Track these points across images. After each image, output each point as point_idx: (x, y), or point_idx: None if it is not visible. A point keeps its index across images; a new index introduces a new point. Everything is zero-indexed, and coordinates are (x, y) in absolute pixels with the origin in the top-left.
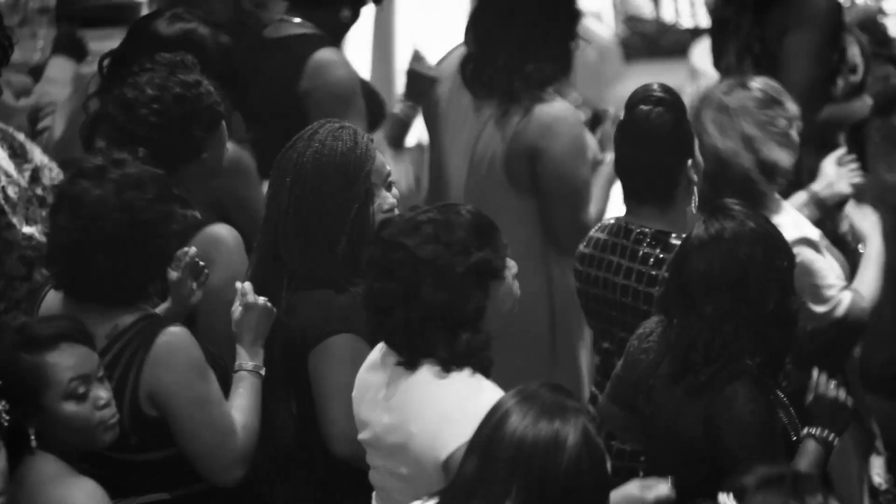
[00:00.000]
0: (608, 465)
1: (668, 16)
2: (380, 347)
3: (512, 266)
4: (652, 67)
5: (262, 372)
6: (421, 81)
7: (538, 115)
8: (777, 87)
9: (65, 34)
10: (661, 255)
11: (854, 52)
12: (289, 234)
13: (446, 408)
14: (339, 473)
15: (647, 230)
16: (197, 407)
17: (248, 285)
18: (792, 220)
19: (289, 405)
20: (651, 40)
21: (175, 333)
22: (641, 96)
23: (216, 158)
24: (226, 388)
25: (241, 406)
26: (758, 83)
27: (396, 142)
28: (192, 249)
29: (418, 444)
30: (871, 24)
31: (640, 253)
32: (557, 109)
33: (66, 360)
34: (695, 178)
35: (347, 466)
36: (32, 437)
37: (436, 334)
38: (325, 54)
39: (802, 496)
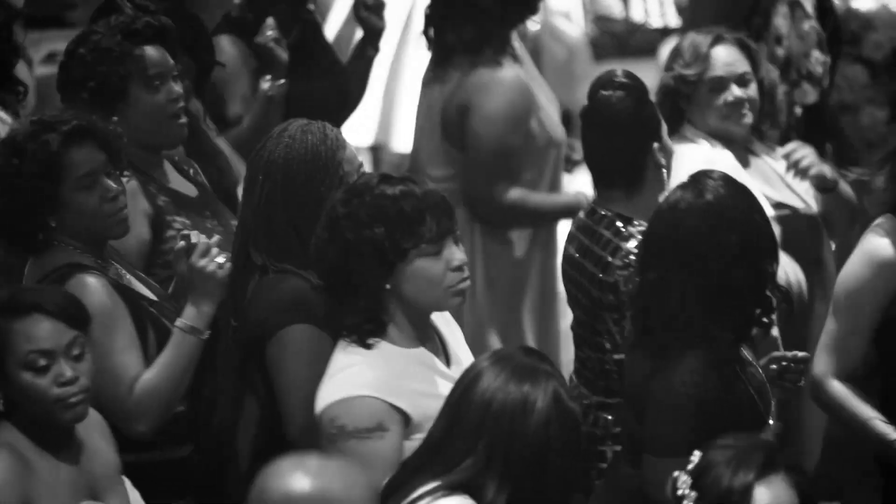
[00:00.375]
0: (580, 431)
1: (637, 15)
2: None
3: (452, 258)
4: (621, 67)
5: (202, 335)
6: (270, 54)
7: (480, 73)
8: None
9: None
10: (618, 243)
11: (780, 24)
12: (259, 232)
13: (328, 371)
14: None
15: (609, 214)
16: (96, 355)
17: (214, 240)
18: None
19: (255, 394)
20: (620, 40)
21: (83, 280)
22: (604, 82)
23: (131, 125)
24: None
25: (158, 362)
26: None
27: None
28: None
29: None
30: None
31: (603, 238)
32: (501, 72)
33: (29, 331)
34: (662, 161)
35: None
36: (1, 402)
37: (334, 291)
38: None
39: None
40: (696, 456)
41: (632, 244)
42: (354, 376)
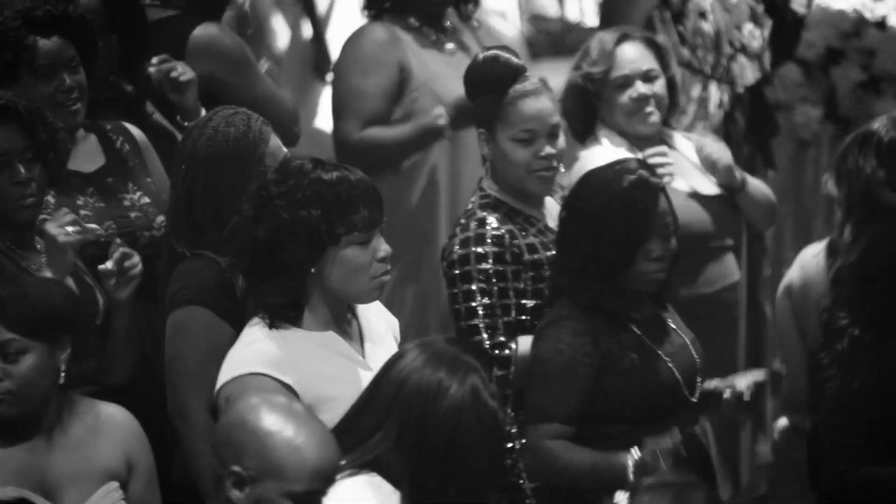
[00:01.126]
0: (499, 430)
1: (572, 15)
2: None
3: (378, 248)
4: (557, 66)
5: None
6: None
7: (357, 29)
8: None
9: None
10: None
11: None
12: (180, 220)
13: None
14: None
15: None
16: None
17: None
18: None
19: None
20: (556, 39)
21: None
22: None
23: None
24: None
25: None
26: None
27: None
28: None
29: None
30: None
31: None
32: (370, 26)
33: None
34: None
35: None
36: None
37: (256, 269)
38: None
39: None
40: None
41: (465, 216)
42: (252, 353)
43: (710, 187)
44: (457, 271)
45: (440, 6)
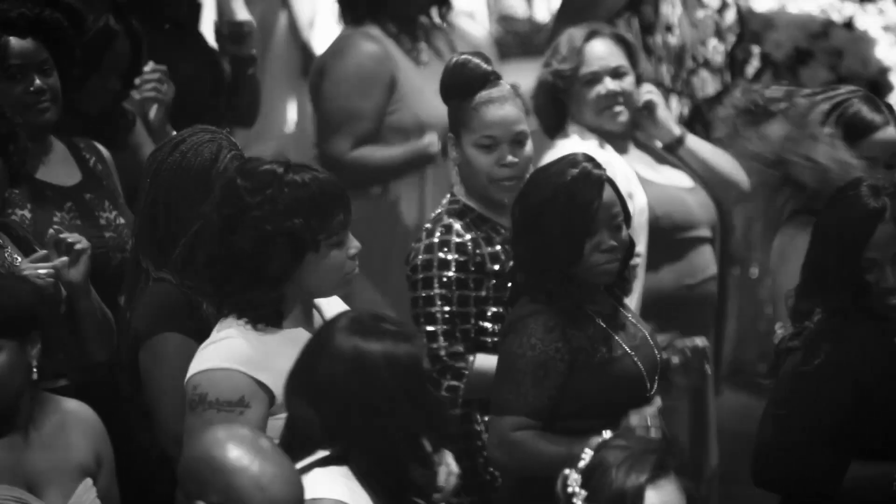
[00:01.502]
0: (421, 382)
1: (540, 15)
2: None
3: (350, 246)
4: (525, 66)
5: None
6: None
7: (341, 36)
8: None
9: None
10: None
11: (669, 12)
12: (145, 237)
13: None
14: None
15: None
16: None
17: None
18: None
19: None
20: (524, 39)
21: None
22: None
23: None
24: None
25: None
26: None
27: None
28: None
29: None
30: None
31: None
32: (358, 39)
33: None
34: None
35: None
36: None
37: (235, 279)
38: None
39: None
40: (588, 454)
41: (430, 222)
42: (225, 349)
43: (684, 180)
44: (419, 276)
45: (417, 8)
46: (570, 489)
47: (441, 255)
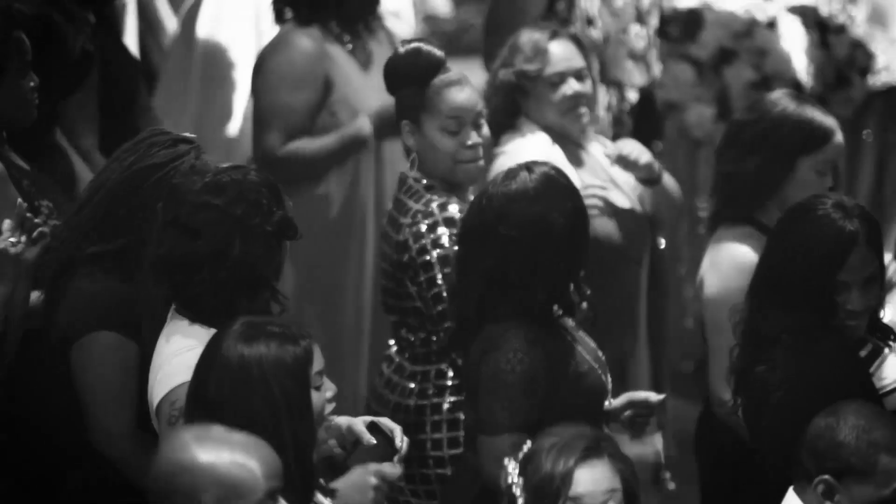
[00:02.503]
0: (299, 386)
1: (467, 14)
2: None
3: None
4: (451, 66)
5: None
6: None
7: (279, 34)
8: None
9: None
10: (407, 202)
11: (587, 5)
12: (84, 223)
13: (164, 351)
14: (110, 470)
15: (408, 176)
16: None
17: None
18: None
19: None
20: (450, 39)
21: None
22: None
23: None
24: None
25: None
26: None
27: None
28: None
29: None
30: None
31: (399, 201)
32: (295, 35)
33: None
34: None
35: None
36: None
37: (241, 293)
38: None
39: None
40: (528, 445)
41: (420, 204)
42: (194, 359)
43: (622, 200)
44: (434, 253)
45: (361, 8)
46: (509, 479)
47: (451, 229)
